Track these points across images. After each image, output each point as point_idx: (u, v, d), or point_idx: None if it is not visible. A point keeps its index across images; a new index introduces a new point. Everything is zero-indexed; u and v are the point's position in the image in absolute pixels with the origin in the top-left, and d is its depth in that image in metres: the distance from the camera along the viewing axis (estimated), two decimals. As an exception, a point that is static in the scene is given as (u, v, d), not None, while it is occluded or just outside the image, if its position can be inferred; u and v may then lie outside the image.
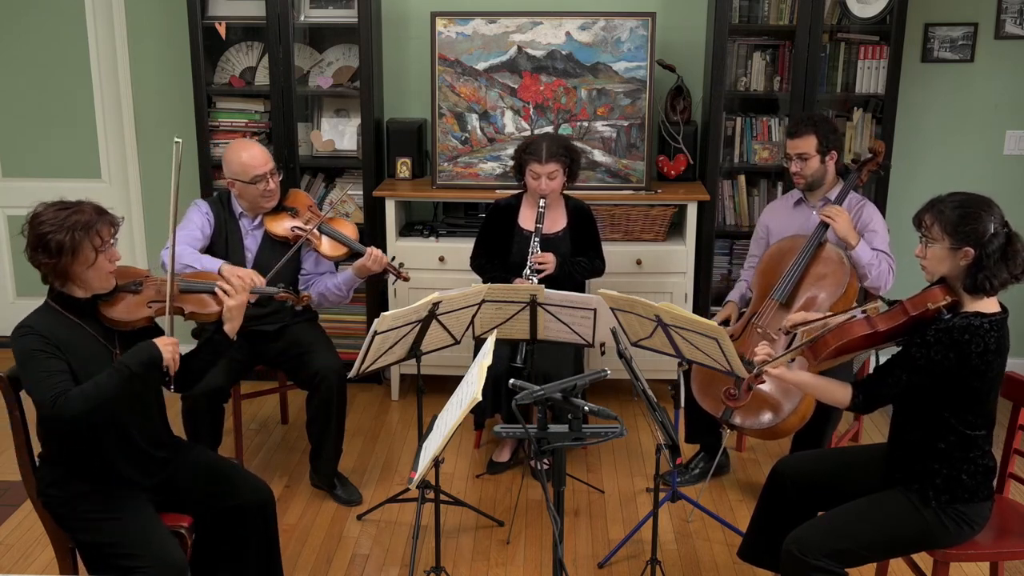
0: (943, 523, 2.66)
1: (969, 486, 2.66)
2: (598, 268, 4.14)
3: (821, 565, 2.62)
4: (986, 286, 2.58)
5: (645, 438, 4.41)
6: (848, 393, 2.74)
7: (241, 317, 2.95)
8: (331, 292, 3.81)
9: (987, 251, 2.55)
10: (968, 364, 2.55)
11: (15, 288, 5.36)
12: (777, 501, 2.97)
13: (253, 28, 4.75)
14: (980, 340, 2.54)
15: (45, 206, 2.69)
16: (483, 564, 3.47)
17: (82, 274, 2.68)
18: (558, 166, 3.90)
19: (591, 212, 4.17)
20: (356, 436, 4.38)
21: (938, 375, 2.58)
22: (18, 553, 3.53)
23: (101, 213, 2.71)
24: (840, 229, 3.63)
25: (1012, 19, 4.66)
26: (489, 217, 4.17)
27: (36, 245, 2.65)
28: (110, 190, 5.12)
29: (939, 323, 2.61)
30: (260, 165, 3.68)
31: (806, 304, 3.63)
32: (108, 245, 2.69)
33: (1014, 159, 4.85)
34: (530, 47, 4.52)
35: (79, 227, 2.62)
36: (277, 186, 3.77)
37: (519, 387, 2.30)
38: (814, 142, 3.72)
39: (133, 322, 2.80)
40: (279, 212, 3.81)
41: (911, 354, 2.62)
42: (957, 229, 2.57)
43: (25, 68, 5.06)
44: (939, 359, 2.56)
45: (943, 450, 2.66)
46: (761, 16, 4.53)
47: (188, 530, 2.84)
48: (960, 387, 2.60)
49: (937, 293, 2.65)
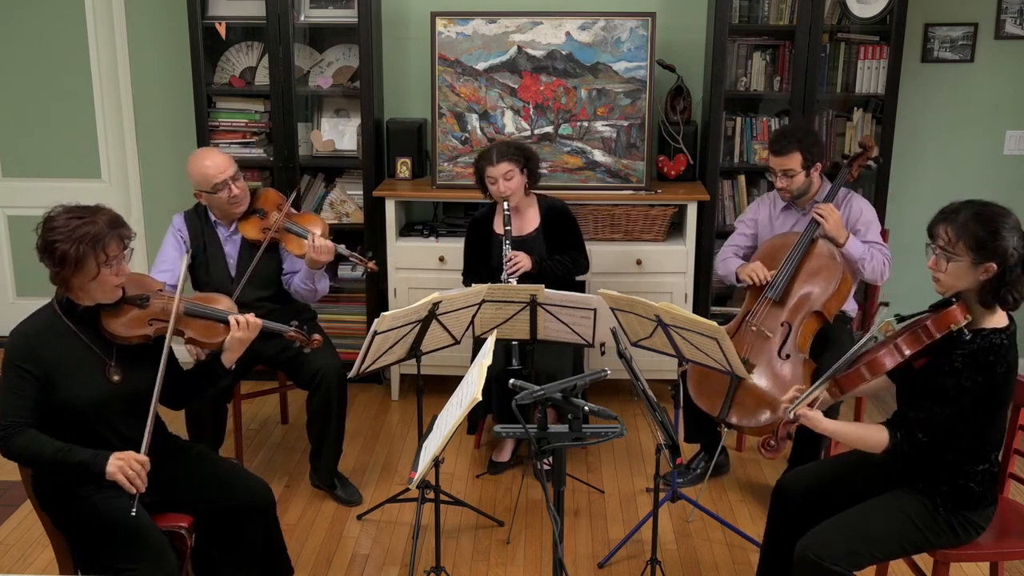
0: (951, 527, 2.66)
1: (977, 494, 2.65)
2: (580, 265, 4.12)
3: (838, 570, 2.59)
4: (1008, 300, 2.54)
5: (645, 438, 4.41)
6: (884, 436, 2.64)
7: (241, 352, 2.94)
8: (301, 288, 3.80)
9: (1009, 265, 2.50)
10: (994, 383, 2.54)
11: (15, 288, 5.36)
12: (784, 517, 2.94)
13: (253, 28, 4.75)
14: (1003, 359, 2.53)
15: (61, 210, 2.66)
16: (483, 564, 3.47)
17: (83, 286, 2.67)
18: (510, 166, 3.91)
19: (567, 210, 4.16)
20: (356, 436, 4.38)
21: (968, 400, 2.54)
22: (18, 553, 3.53)
23: (114, 226, 2.66)
24: (830, 227, 3.64)
25: (1012, 19, 4.66)
26: (468, 232, 4.21)
27: (43, 249, 2.64)
28: (110, 190, 5.11)
29: (961, 346, 2.56)
30: (219, 173, 3.65)
31: (800, 301, 3.63)
32: (115, 260, 2.66)
33: (1014, 159, 4.85)
34: (530, 47, 4.52)
35: (87, 240, 2.59)
36: (243, 191, 3.74)
37: (519, 387, 2.30)
38: (799, 159, 3.73)
39: (130, 337, 2.77)
40: (250, 215, 3.79)
41: (941, 385, 2.57)
42: (983, 245, 2.50)
43: (25, 68, 5.05)
44: (969, 385, 2.53)
45: (952, 461, 2.64)
46: (761, 16, 4.54)
47: (188, 530, 2.83)
48: (987, 407, 2.57)
49: (958, 314, 2.56)
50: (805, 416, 2.71)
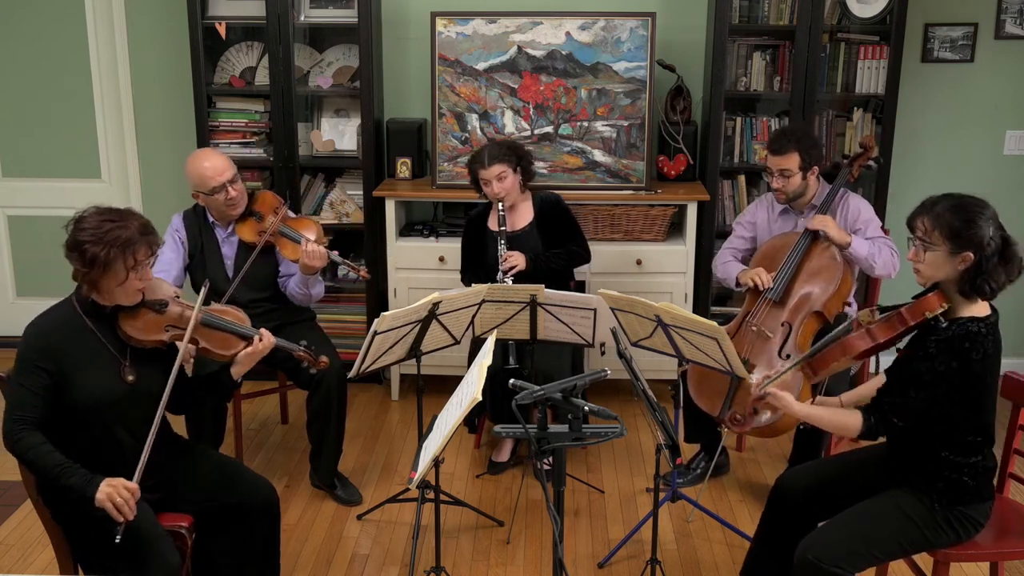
0: (949, 524, 2.66)
1: (972, 488, 2.66)
2: (577, 254, 4.10)
3: (839, 572, 2.60)
4: (985, 290, 2.57)
5: (645, 438, 4.41)
6: (858, 420, 2.69)
7: (251, 366, 2.94)
8: (296, 292, 3.80)
9: (986, 255, 2.54)
10: (971, 371, 2.55)
11: (15, 288, 5.36)
12: (780, 516, 2.94)
13: (253, 28, 4.75)
14: (979, 346, 2.54)
15: (93, 211, 2.66)
16: (483, 564, 3.47)
17: (109, 289, 2.67)
18: (503, 167, 3.92)
19: (560, 202, 4.15)
20: (356, 436, 4.38)
21: (943, 386, 2.57)
22: (18, 553, 3.53)
23: (145, 233, 2.67)
24: (833, 235, 3.64)
25: (1012, 19, 4.66)
26: (465, 231, 4.21)
27: (73, 248, 2.63)
28: (110, 190, 5.11)
29: (937, 332, 2.60)
30: (216, 175, 3.66)
31: (800, 301, 3.63)
32: (142, 266, 2.67)
33: (1014, 159, 4.85)
34: (530, 47, 4.52)
35: (118, 243, 2.59)
36: (241, 193, 3.74)
37: (519, 387, 2.30)
38: (796, 159, 3.73)
39: (145, 341, 2.78)
40: (247, 218, 3.80)
41: (915, 370, 2.61)
42: (958, 234, 2.55)
43: (25, 68, 5.06)
44: (943, 370, 2.56)
45: (945, 456, 2.65)
46: (761, 16, 4.54)
47: (188, 530, 2.83)
48: (964, 394, 2.58)
49: (933, 301, 2.62)
50: (775, 395, 2.80)
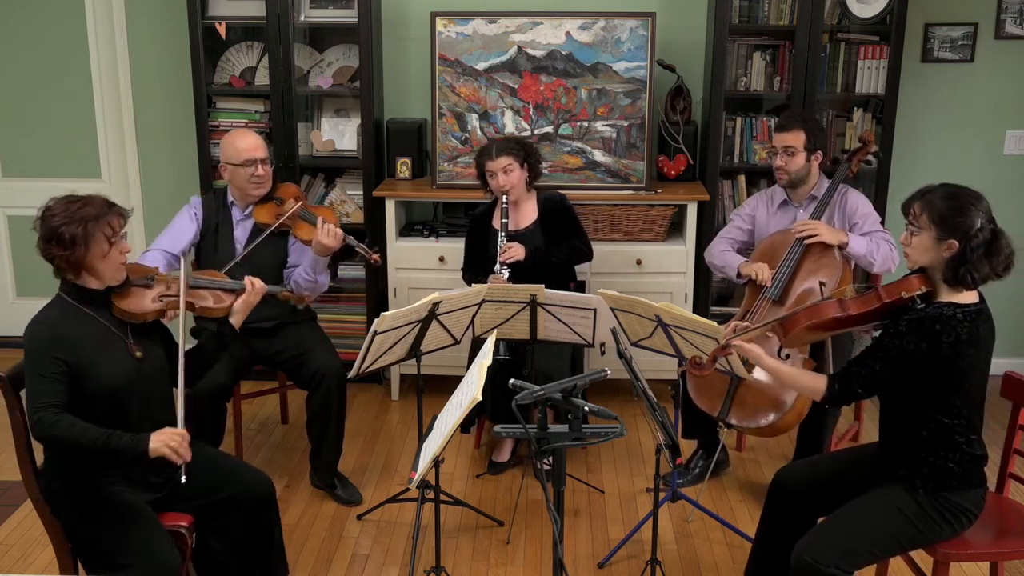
0: (940, 515, 2.66)
1: (957, 474, 2.66)
2: (578, 249, 4.10)
3: (836, 572, 2.60)
4: (967, 280, 2.59)
5: (645, 438, 4.41)
6: (823, 383, 2.75)
7: (247, 314, 3.10)
8: (303, 279, 3.79)
9: (971, 245, 2.56)
10: (940, 353, 2.56)
11: (15, 288, 5.37)
12: (779, 512, 2.95)
13: (253, 28, 4.75)
14: (952, 330, 2.55)
15: (55, 200, 2.73)
16: (483, 564, 3.47)
17: (96, 264, 2.72)
18: (510, 159, 3.93)
19: (564, 201, 4.16)
20: (356, 436, 4.38)
21: (910, 364, 2.59)
22: (18, 553, 3.53)
23: (111, 206, 2.77)
24: (826, 238, 3.62)
25: (1012, 19, 4.66)
26: (469, 229, 4.22)
27: (49, 237, 2.68)
28: (110, 190, 5.11)
29: (912, 312, 2.62)
30: (252, 150, 3.73)
31: (799, 299, 3.63)
32: (119, 236, 2.76)
33: (1014, 159, 4.85)
34: (530, 47, 4.52)
35: (90, 218, 2.68)
36: (268, 175, 3.78)
37: (519, 387, 2.30)
38: (803, 138, 3.74)
39: (143, 314, 2.86)
40: (268, 201, 3.82)
41: (884, 344, 2.64)
42: (945, 220, 2.58)
43: (25, 68, 5.06)
44: (911, 348, 2.58)
45: (926, 439, 2.67)
46: (761, 16, 4.54)
47: (188, 530, 2.84)
48: (933, 376, 2.60)
49: (913, 282, 2.67)
50: (742, 347, 2.89)
